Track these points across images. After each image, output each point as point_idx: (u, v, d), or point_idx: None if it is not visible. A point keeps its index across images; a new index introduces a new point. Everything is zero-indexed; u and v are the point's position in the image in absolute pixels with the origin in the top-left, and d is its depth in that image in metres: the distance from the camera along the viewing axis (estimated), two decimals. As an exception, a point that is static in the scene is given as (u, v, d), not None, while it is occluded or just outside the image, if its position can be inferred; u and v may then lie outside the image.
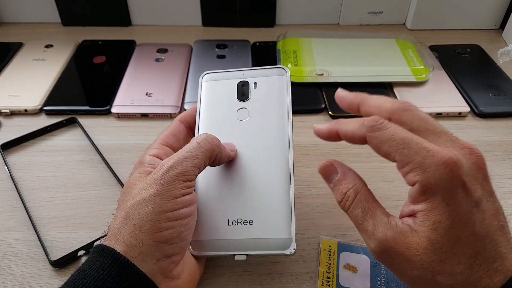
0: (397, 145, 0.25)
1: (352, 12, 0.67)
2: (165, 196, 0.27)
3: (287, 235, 0.29)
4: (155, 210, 0.26)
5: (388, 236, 0.25)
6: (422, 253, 0.24)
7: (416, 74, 0.54)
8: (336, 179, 0.29)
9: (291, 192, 0.31)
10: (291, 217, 0.30)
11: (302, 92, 0.53)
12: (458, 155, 0.24)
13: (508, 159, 0.45)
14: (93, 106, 0.50)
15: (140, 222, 0.26)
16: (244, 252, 0.29)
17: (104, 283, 0.24)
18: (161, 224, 0.26)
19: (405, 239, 0.25)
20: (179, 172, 0.27)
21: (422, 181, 0.24)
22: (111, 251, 0.25)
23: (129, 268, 0.25)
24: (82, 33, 0.64)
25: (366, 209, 0.27)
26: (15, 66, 0.56)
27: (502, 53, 0.56)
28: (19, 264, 0.35)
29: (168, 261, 0.27)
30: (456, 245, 0.24)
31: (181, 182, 0.27)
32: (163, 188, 0.27)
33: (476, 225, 0.24)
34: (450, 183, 0.24)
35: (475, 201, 0.24)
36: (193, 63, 0.58)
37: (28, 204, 0.39)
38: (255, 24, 0.67)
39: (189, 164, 0.28)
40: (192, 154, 0.28)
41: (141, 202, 0.27)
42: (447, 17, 0.66)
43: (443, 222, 0.24)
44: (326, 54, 0.58)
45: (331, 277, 0.34)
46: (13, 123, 0.48)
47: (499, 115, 0.50)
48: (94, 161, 0.44)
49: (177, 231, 0.27)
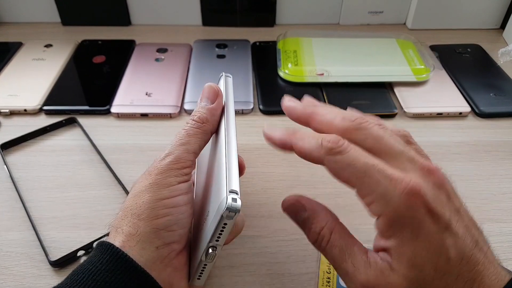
0: (358, 173, 0.23)
1: (352, 12, 0.67)
2: (161, 184, 0.27)
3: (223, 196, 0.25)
4: (152, 198, 0.26)
5: (370, 277, 0.24)
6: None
7: (417, 74, 0.54)
8: (305, 217, 0.27)
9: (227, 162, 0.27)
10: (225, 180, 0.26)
11: (302, 92, 0.53)
12: (419, 182, 0.23)
13: (508, 159, 0.45)
14: (92, 106, 0.50)
15: (138, 211, 0.26)
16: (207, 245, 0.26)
17: (102, 277, 0.24)
18: (158, 211, 0.26)
19: (386, 278, 0.24)
20: (172, 161, 0.28)
21: (386, 215, 0.23)
22: (109, 246, 0.25)
23: (127, 263, 0.25)
24: (81, 33, 0.64)
25: (343, 248, 0.25)
26: (15, 66, 0.56)
27: (503, 53, 0.56)
28: (18, 264, 0.34)
29: (168, 248, 0.27)
30: (435, 277, 0.23)
31: (176, 170, 0.28)
32: (158, 178, 0.27)
33: (450, 251, 0.23)
34: (416, 214, 0.23)
35: (444, 226, 0.23)
36: (193, 63, 0.58)
37: (28, 204, 0.39)
38: (255, 24, 0.67)
39: (181, 151, 0.28)
40: (183, 141, 0.29)
41: (139, 193, 0.27)
42: (448, 17, 0.66)
43: (417, 258, 0.23)
44: (326, 54, 0.58)
45: (331, 277, 0.33)
46: (12, 123, 0.48)
47: (499, 115, 0.50)
48: (94, 161, 0.44)
49: (175, 218, 0.27)
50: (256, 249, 0.36)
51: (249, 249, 0.36)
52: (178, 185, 0.27)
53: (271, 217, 0.39)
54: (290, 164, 0.44)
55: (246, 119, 0.50)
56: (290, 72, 0.54)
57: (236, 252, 0.36)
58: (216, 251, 0.26)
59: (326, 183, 0.42)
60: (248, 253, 0.36)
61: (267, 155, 0.45)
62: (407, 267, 0.23)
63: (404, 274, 0.23)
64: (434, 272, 0.23)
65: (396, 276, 0.23)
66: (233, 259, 0.35)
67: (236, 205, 0.24)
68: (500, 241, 0.37)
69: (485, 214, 0.39)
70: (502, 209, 0.40)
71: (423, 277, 0.23)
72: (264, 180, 0.42)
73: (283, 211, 0.28)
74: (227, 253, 0.35)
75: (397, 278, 0.23)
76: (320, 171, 0.43)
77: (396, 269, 0.23)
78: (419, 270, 0.23)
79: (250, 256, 0.35)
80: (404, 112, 0.50)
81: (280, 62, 0.56)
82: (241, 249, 0.36)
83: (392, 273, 0.23)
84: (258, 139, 0.47)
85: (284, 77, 0.54)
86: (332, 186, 0.41)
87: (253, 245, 0.36)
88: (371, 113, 0.50)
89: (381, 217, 0.24)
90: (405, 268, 0.23)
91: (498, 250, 0.35)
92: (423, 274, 0.23)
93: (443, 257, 0.23)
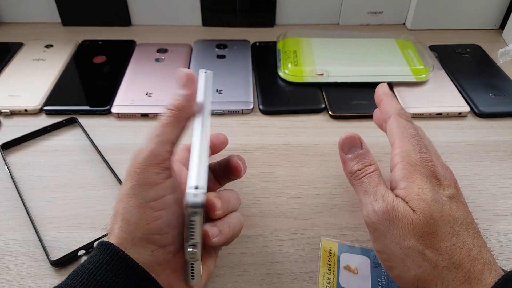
0: (404, 134, 0.31)
1: (352, 12, 0.67)
2: (144, 185, 0.26)
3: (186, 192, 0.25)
4: (138, 203, 0.26)
5: (394, 201, 0.27)
6: (416, 223, 0.26)
7: (416, 74, 0.54)
8: (359, 152, 0.31)
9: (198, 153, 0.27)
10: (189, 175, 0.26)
11: (302, 92, 0.53)
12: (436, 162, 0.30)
13: (508, 159, 0.45)
14: (93, 106, 0.50)
15: (127, 217, 0.26)
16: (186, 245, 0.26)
17: (102, 277, 0.24)
18: (147, 215, 0.26)
19: (405, 206, 0.27)
20: (148, 156, 0.26)
21: (405, 163, 0.28)
22: (109, 245, 0.25)
23: (127, 262, 0.25)
24: (82, 33, 0.64)
25: (381, 178, 0.29)
26: (15, 66, 0.56)
27: (502, 53, 0.56)
28: (19, 264, 0.35)
29: (163, 251, 0.26)
30: (441, 218, 0.26)
31: (155, 166, 0.26)
32: (139, 178, 0.26)
33: (451, 210, 0.27)
34: (426, 172, 0.28)
35: (447, 195, 0.28)
36: (193, 63, 0.58)
37: (28, 204, 0.39)
38: (255, 24, 0.67)
39: (155, 144, 0.27)
40: (157, 132, 0.27)
41: (124, 197, 0.26)
42: (447, 17, 0.66)
43: (426, 194, 0.27)
44: (326, 54, 0.58)
45: (331, 278, 0.34)
46: (13, 123, 0.48)
47: (499, 115, 0.50)
48: (94, 161, 0.44)
49: (166, 220, 0.26)
50: (256, 249, 0.36)
51: (249, 249, 0.36)
52: (162, 183, 0.27)
53: (271, 217, 0.39)
54: (290, 164, 0.44)
55: (246, 119, 0.50)
56: (290, 72, 0.54)
57: (236, 252, 0.36)
58: (196, 249, 0.26)
59: (326, 183, 0.42)
60: (248, 253, 0.36)
61: (267, 155, 0.45)
62: (418, 200, 0.27)
63: (418, 207, 0.26)
64: (439, 213, 0.26)
65: (410, 209, 0.27)
66: (233, 259, 0.35)
67: (197, 200, 0.24)
68: (499, 241, 0.37)
69: (485, 214, 0.39)
70: (501, 209, 0.40)
71: (430, 212, 0.26)
72: (264, 180, 0.42)
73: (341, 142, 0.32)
74: (227, 253, 0.35)
75: (410, 210, 0.27)
76: (320, 171, 0.43)
77: (410, 200, 0.27)
78: (427, 205, 0.26)
79: (250, 256, 0.36)
80: (404, 112, 0.51)
81: (280, 62, 0.56)
82: (241, 249, 0.36)
83: (406, 206, 0.27)
84: (258, 139, 0.47)
85: (284, 77, 0.54)
86: (332, 186, 0.41)
87: (253, 245, 0.36)
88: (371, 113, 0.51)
89: (399, 164, 0.29)
90: (417, 200, 0.27)
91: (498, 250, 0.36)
92: (430, 209, 0.26)
93: (445, 209, 0.27)
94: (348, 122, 0.49)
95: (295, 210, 0.39)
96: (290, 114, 0.50)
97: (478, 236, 0.27)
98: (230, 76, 0.55)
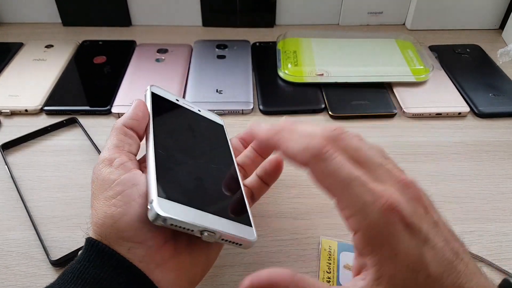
0: (341, 183, 0.23)
1: (352, 12, 0.67)
2: (102, 185, 0.27)
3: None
4: (100, 203, 0.26)
5: None
6: None
7: (416, 74, 0.55)
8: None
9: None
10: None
11: (302, 92, 0.53)
12: (397, 197, 0.23)
13: (508, 159, 0.45)
14: (93, 106, 0.50)
15: (95, 220, 0.26)
16: (215, 229, 0.27)
17: (90, 274, 0.25)
18: (112, 213, 0.26)
19: None
20: (102, 160, 0.28)
21: (364, 230, 0.23)
22: (93, 242, 0.26)
23: (113, 257, 0.25)
24: (82, 33, 0.64)
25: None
26: (16, 66, 0.56)
27: (502, 53, 0.56)
28: (19, 263, 0.35)
29: (142, 247, 0.26)
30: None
31: (107, 167, 0.28)
32: (98, 182, 0.27)
33: (430, 266, 0.22)
34: (394, 231, 0.22)
35: (423, 240, 0.23)
36: (193, 63, 0.58)
37: (29, 204, 0.39)
38: (255, 24, 0.67)
39: (110, 148, 0.29)
40: (110, 137, 0.30)
41: (92, 202, 0.27)
42: (447, 17, 0.66)
43: (397, 278, 0.22)
44: (326, 54, 0.58)
45: (331, 277, 0.34)
46: (13, 123, 0.48)
47: (498, 115, 0.51)
48: (94, 161, 0.43)
49: (134, 215, 0.26)
50: (256, 249, 0.36)
51: (249, 249, 0.36)
52: (118, 179, 0.27)
53: (271, 217, 0.39)
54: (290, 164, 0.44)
55: (246, 119, 0.50)
56: (290, 73, 0.54)
57: (236, 251, 0.36)
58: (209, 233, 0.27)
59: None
60: (248, 252, 0.36)
61: (267, 155, 0.45)
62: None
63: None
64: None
65: None
66: (233, 259, 0.35)
67: (152, 213, 0.25)
68: (499, 241, 0.37)
69: (484, 214, 0.39)
70: (501, 209, 0.40)
71: None
72: (264, 180, 0.42)
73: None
74: (227, 253, 0.36)
75: None
76: (320, 171, 0.43)
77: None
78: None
79: (250, 256, 0.36)
80: (404, 112, 0.51)
81: (280, 63, 0.56)
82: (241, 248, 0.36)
83: None
84: (258, 139, 0.47)
85: (284, 78, 0.54)
86: (332, 186, 0.41)
87: (253, 245, 0.36)
88: (370, 113, 0.51)
89: (359, 232, 0.23)
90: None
91: (497, 250, 0.36)
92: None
93: (423, 273, 0.22)
94: (348, 122, 0.49)
95: (295, 210, 0.39)
96: (290, 114, 0.51)
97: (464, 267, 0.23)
98: (230, 76, 0.55)
